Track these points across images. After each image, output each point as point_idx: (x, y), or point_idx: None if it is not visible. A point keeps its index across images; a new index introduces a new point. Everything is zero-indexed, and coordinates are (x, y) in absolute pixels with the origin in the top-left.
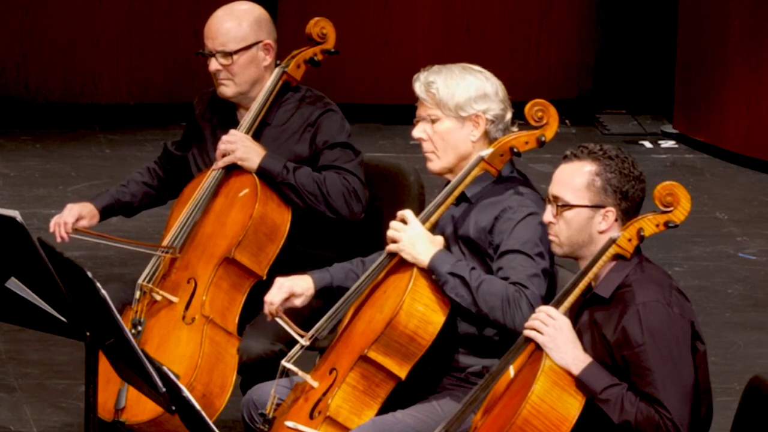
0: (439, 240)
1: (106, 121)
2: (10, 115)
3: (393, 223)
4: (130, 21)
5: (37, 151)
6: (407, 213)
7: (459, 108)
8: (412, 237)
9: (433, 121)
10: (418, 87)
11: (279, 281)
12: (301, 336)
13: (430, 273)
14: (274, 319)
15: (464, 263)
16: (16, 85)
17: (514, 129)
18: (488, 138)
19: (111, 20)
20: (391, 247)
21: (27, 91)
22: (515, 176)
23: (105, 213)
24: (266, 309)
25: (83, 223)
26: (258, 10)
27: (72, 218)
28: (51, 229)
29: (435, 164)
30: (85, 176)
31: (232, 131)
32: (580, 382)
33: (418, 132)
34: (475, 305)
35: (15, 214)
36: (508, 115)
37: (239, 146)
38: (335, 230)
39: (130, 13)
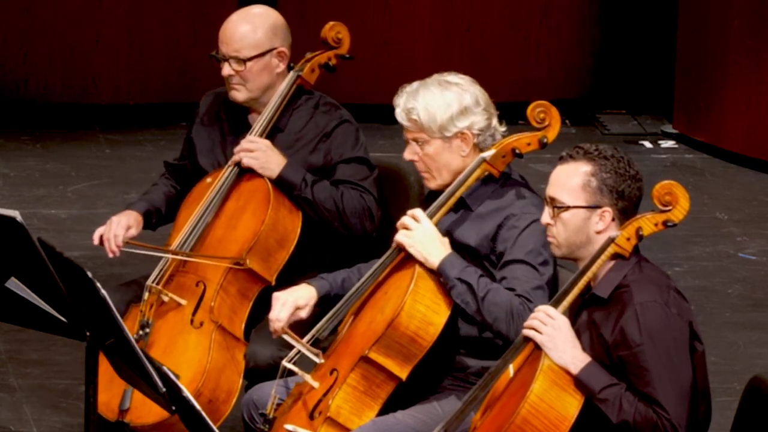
0: (446, 240)
1: (106, 121)
2: (10, 115)
3: (405, 220)
4: (130, 21)
5: (37, 151)
6: (418, 211)
7: (443, 129)
8: (425, 236)
9: (421, 144)
10: (399, 114)
11: (281, 297)
12: (314, 354)
13: (438, 275)
14: (281, 336)
15: (473, 269)
16: (16, 85)
17: (502, 129)
18: (479, 149)
19: (111, 20)
20: (402, 241)
21: (27, 91)
22: (514, 178)
23: (146, 219)
24: (272, 327)
25: (132, 232)
26: (274, 16)
27: (122, 230)
28: (96, 242)
29: (432, 183)
30: (85, 176)
31: (253, 137)
32: (578, 382)
33: (408, 155)
34: (480, 314)
35: (15, 214)
36: (494, 122)
37: (260, 154)
38: (344, 238)
39: (130, 13)
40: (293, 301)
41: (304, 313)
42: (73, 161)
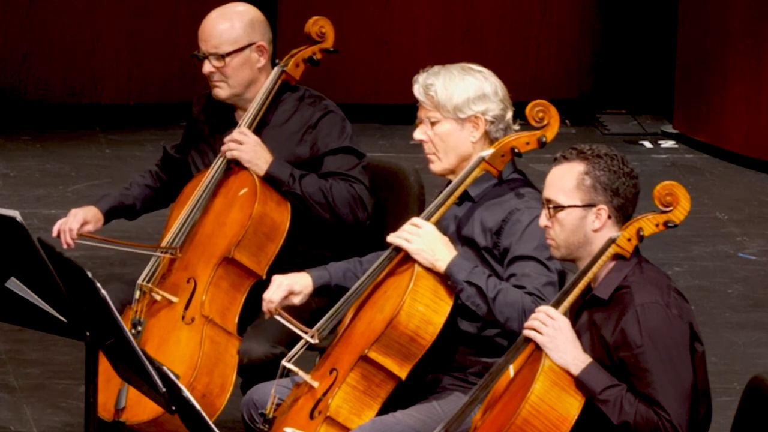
0: (449, 241)
1: (106, 121)
2: (10, 115)
3: (407, 227)
4: (130, 21)
5: (37, 151)
6: (416, 219)
7: (458, 110)
8: (428, 241)
9: (433, 123)
10: (417, 89)
11: (278, 279)
12: (304, 332)
13: (446, 278)
14: (274, 317)
15: (480, 270)
16: (16, 85)
17: (516, 128)
18: (489, 138)
19: (111, 20)
20: (407, 248)
21: (27, 91)
22: (517, 177)
23: (109, 216)
24: (265, 307)
25: (88, 227)
26: (252, 12)
27: (77, 224)
28: (54, 234)
29: (436, 165)
30: (85, 176)
31: (243, 129)
32: (579, 382)
33: (418, 134)
34: (491, 315)
35: (15, 214)
36: (509, 115)
37: (249, 148)
38: (336, 230)
39: (130, 13)
40: (288, 285)
41: (297, 300)
42: (73, 161)
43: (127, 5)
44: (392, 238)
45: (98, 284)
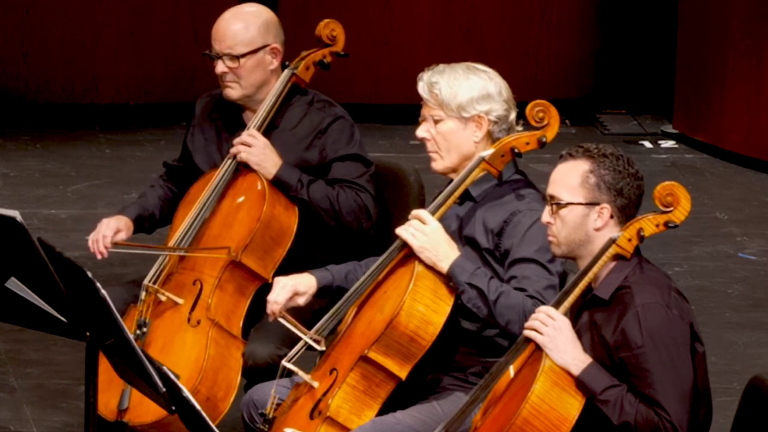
0: (452, 241)
1: (106, 121)
2: (10, 115)
3: (413, 222)
4: (130, 21)
5: (37, 151)
6: (424, 213)
7: (461, 109)
8: (433, 239)
9: (436, 122)
10: (422, 87)
11: (281, 281)
12: (310, 337)
13: (448, 279)
14: (278, 320)
15: (483, 272)
16: (16, 85)
17: (519, 129)
18: (491, 138)
19: (111, 20)
20: (412, 244)
21: (27, 91)
22: (518, 177)
23: (137, 224)
24: (269, 309)
25: (121, 235)
26: (266, 13)
27: (110, 232)
28: (92, 248)
29: (438, 164)
30: (85, 176)
31: (253, 131)
32: (579, 383)
33: (421, 132)
34: (492, 317)
35: (15, 214)
36: (512, 115)
37: (258, 151)
38: (340, 234)
39: (130, 13)
40: (293, 286)
41: (302, 300)
42: (73, 161)
43: (127, 5)
44: (400, 230)
45: (98, 284)
